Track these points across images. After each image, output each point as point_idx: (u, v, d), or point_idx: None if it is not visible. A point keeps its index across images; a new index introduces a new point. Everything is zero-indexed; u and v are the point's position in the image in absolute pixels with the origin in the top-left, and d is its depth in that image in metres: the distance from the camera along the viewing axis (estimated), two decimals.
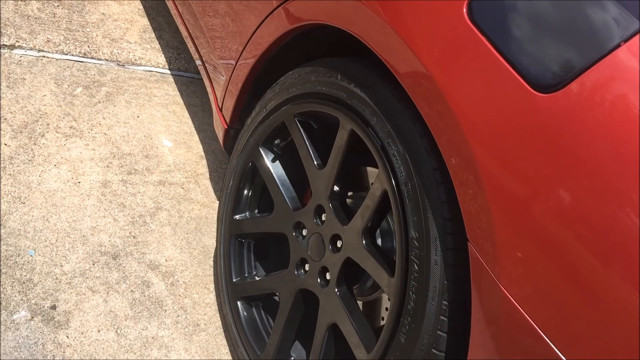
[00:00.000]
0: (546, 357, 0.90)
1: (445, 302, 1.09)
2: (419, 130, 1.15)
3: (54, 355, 1.44)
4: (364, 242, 1.30)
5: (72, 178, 1.84)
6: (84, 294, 1.59)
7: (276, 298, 1.65)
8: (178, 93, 2.42)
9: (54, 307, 1.52)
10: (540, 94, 0.94)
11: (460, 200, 1.04)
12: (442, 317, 1.09)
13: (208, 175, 2.13)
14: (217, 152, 2.25)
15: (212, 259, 1.87)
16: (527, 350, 0.93)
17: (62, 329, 1.50)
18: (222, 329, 1.71)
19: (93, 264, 1.67)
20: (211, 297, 1.77)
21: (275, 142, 1.58)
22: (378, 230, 1.43)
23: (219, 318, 1.73)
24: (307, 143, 1.45)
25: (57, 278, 1.59)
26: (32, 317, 1.48)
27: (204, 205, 2.01)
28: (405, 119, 1.18)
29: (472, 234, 1.02)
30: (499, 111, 0.98)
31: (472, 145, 1.01)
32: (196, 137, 2.26)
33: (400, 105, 1.19)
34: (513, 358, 0.96)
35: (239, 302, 1.62)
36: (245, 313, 1.61)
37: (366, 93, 1.26)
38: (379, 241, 1.38)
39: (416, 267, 1.13)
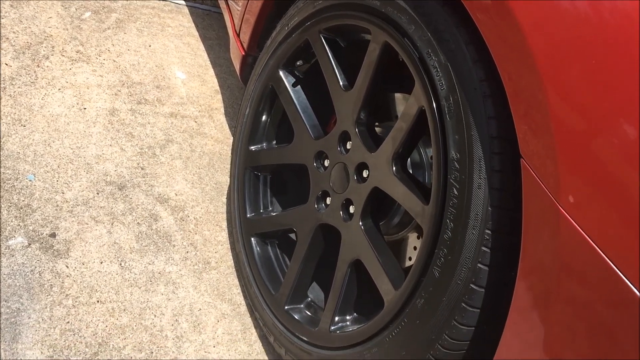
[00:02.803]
0: (617, 291, 0.76)
1: (489, 231, 0.95)
2: (465, 37, 1.00)
3: (51, 285, 1.33)
4: (394, 169, 1.16)
5: (77, 103, 1.72)
6: (87, 224, 1.47)
7: (293, 236, 1.53)
8: (193, 25, 2.27)
9: (53, 235, 1.41)
10: None
11: (514, 115, 0.90)
12: (483, 248, 0.96)
13: (223, 111, 2.00)
14: (234, 88, 2.12)
15: (225, 197, 1.75)
16: (593, 282, 0.80)
17: (61, 258, 1.38)
18: (234, 269, 1.59)
19: (97, 194, 1.55)
20: (223, 235, 1.65)
21: (297, 63, 1.43)
22: (409, 160, 1.30)
23: (231, 257, 1.62)
24: (333, 62, 1.30)
25: (57, 205, 1.47)
26: (29, 244, 1.37)
27: (217, 141, 1.88)
28: (448, 25, 1.03)
29: (528, 150, 0.88)
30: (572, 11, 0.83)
31: (534, 52, 0.86)
32: (211, 71, 2.12)
33: (443, 10, 1.04)
34: (573, 294, 0.83)
35: (252, 239, 1.50)
36: (259, 250, 1.49)
37: None
38: (410, 171, 1.25)
39: (455, 192, 0.99)
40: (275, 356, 1.47)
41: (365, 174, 1.25)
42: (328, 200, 1.35)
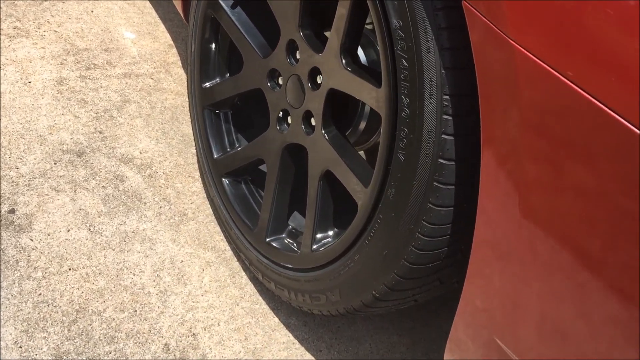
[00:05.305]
0: (609, 131, 0.67)
1: (447, 96, 0.86)
2: None
3: (17, 260, 1.26)
4: (343, 61, 1.06)
5: (22, 78, 1.63)
6: (47, 195, 1.40)
7: (264, 168, 1.44)
8: None
9: (12, 211, 1.34)
10: None
11: None
12: (445, 117, 0.87)
13: (180, 64, 1.90)
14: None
15: (194, 147, 1.66)
16: (571, 126, 0.70)
17: (24, 232, 1.31)
18: (213, 216, 1.52)
19: (55, 164, 1.47)
20: (197, 185, 1.57)
21: None
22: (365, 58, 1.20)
23: (208, 206, 1.54)
24: None
25: (13, 181, 1.39)
26: None
27: (178, 94, 1.79)
28: None
29: None
30: None
31: None
32: (162, 27, 2.02)
33: None
34: (546, 144, 0.74)
35: (224, 180, 1.42)
36: (232, 190, 1.41)
37: None
38: (363, 62, 1.15)
39: (405, 63, 0.90)
40: (269, 295, 1.39)
41: (319, 79, 1.16)
42: (289, 119, 1.26)
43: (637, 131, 0.65)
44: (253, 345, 1.30)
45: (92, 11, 1.94)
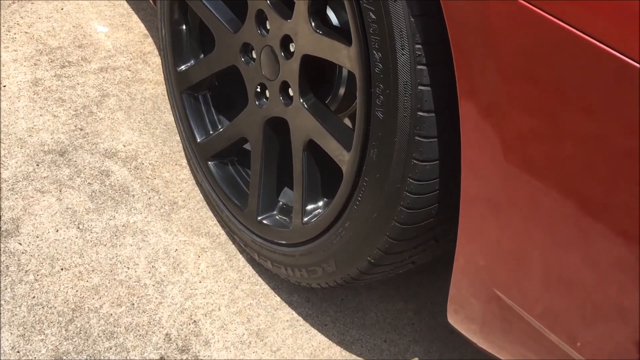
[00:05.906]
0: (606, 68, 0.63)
1: (419, 46, 0.83)
2: None
3: (7, 266, 1.23)
4: (313, 24, 1.03)
5: None
6: (32, 197, 1.37)
7: (248, 147, 1.41)
8: None
9: None
10: None
11: None
12: (419, 67, 0.83)
13: (157, 53, 1.86)
14: None
15: (179, 135, 1.63)
16: (556, 65, 0.67)
17: (11, 237, 1.29)
18: (204, 202, 1.49)
19: (37, 165, 1.44)
20: (185, 173, 1.54)
21: None
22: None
23: (199, 192, 1.51)
24: None
25: None
26: None
27: (158, 83, 1.75)
28: None
29: None
30: None
31: None
32: (135, 17, 1.98)
33: None
34: (530, 88, 0.70)
35: (210, 163, 1.39)
36: (219, 173, 1.38)
37: None
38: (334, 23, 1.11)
39: (373, 16, 0.86)
40: (268, 275, 1.37)
41: (291, 47, 1.12)
42: (267, 93, 1.22)
43: (638, 65, 0.61)
44: (256, 327, 1.27)
45: (62, 9, 1.90)
